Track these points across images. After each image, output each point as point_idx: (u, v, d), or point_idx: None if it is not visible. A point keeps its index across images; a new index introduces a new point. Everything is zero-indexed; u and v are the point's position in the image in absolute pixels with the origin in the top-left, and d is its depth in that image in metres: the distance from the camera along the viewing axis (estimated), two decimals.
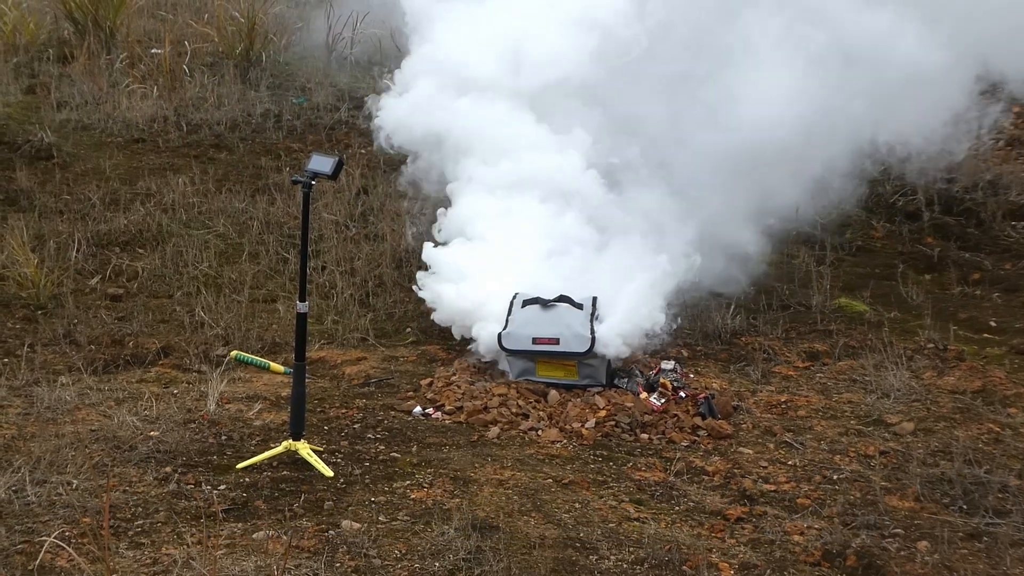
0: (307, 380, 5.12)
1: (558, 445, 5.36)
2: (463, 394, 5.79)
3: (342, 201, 8.60)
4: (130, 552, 4.19)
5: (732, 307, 6.98)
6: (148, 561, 4.13)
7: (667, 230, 6.66)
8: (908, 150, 8.51)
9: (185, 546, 4.21)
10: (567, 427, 5.53)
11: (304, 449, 4.94)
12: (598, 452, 5.30)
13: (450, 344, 6.50)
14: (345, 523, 4.44)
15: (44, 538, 4.15)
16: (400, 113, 7.13)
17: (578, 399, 5.76)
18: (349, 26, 11.62)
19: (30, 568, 4.03)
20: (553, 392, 5.80)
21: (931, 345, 6.57)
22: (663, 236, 6.58)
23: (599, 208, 6.71)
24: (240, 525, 4.42)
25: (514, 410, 5.64)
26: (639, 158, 6.98)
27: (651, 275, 6.13)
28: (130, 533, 4.32)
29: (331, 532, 4.37)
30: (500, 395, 5.73)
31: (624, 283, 6.12)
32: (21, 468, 4.70)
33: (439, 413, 5.67)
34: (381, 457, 5.10)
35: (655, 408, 5.67)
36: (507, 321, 5.97)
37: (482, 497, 4.72)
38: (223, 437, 5.23)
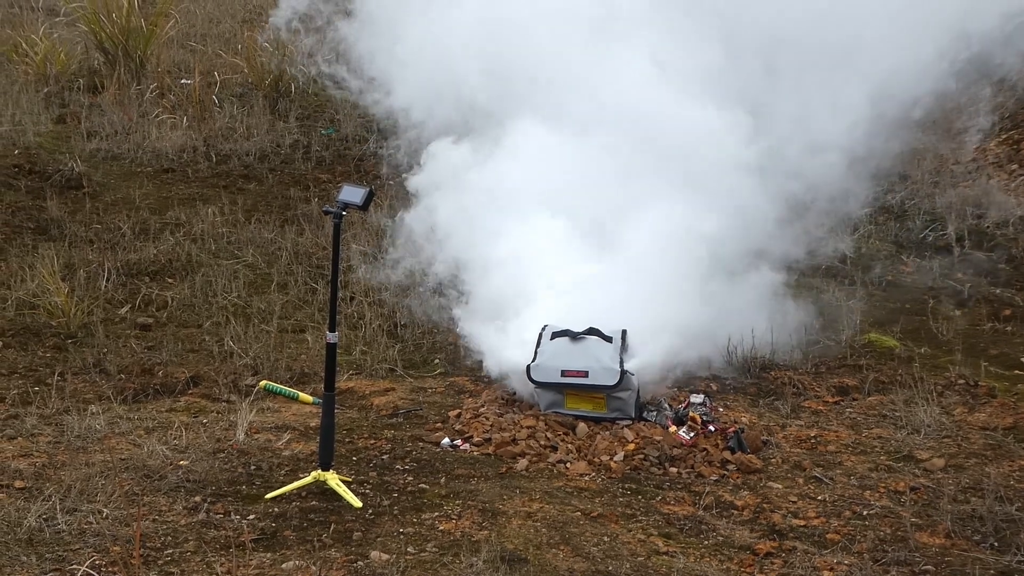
0: (336, 410, 5.12)
1: (587, 478, 5.34)
2: (491, 426, 5.78)
3: (370, 232, 8.63)
4: None
5: (761, 340, 6.94)
6: None
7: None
8: None
9: None
10: (596, 460, 5.52)
11: (333, 479, 4.94)
12: (627, 485, 5.28)
13: (478, 376, 6.50)
14: (374, 554, 4.43)
15: (75, 567, 4.17)
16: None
17: (607, 432, 5.73)
18: None
19: None
20: (582, 425, 5.79)
21: (962, 381, 6.53)
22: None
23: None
24: (269, 555, 4.42)
25: (542, 442, 5.62)
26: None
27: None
28: (160, 562, 4.32)
29: (360, 563, 4.36)
30: (528, 427, 5.73)
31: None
32: (52, 496, 4.72)
33: (467, 444, 5.66)
34: (410, 488, 5.09)
35: (684, 442, 5.65)
36: (536, 353, 5.96)
37: (510, 529, 4.71)
38: (252, 467, 5.24)
